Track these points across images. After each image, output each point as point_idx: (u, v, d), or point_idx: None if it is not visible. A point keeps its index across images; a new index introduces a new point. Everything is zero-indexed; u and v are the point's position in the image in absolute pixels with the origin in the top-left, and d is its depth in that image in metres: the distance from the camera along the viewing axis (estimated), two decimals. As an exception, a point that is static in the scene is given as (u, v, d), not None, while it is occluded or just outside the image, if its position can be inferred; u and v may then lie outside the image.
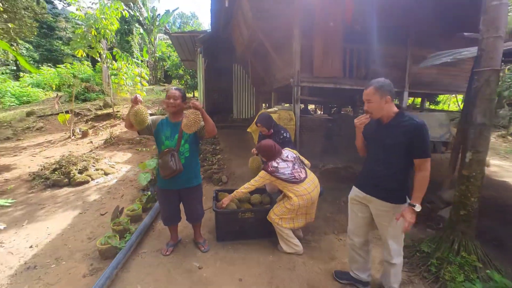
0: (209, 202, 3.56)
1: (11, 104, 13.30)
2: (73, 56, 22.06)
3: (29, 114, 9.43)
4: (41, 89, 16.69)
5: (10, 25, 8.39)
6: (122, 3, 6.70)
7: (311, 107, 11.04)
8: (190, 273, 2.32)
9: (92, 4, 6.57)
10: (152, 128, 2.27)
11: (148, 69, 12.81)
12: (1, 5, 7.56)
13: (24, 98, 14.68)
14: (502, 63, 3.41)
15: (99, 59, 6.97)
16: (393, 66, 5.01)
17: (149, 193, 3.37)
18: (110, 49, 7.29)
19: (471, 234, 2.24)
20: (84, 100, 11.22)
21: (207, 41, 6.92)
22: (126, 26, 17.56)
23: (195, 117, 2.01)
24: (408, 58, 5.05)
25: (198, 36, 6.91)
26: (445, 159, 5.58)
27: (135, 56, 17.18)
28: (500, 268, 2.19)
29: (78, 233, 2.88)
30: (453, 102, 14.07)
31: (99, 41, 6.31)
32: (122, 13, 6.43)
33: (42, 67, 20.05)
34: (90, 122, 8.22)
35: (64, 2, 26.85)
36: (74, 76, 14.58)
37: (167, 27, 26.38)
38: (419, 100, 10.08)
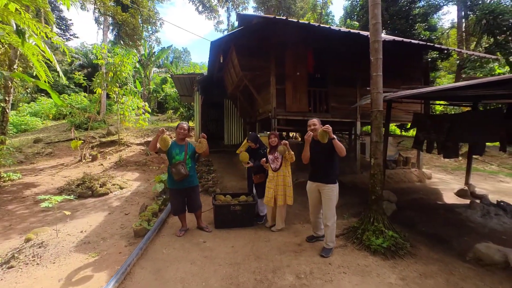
0: (207, 208, 4.66)
1: (9, 132, 14.03)
2: (67, 87, 23.32)
3: (36, 141, 10.35)
4: (39, 118, 17.48)
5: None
6: (135, 50, 8.22)
7: (292, 134, 12.61)
8: (198, 244, 3.41)
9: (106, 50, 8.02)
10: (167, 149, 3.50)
11: (142, 100, 13.96)
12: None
13: (22, 126, 15.35)
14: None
15: (114, 95, 8.28)
16: (347, 102, 6.61)
17: (164, 197, 4.47)
18: (120, 86, 8.64)
19: (380, 211, 3.51)
20: (87, 129, 12.24)
21: (204, 81, 8.48)
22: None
23: (204, 143, 3.38)
24: (358, 97, 6.69)
25: (195, 77, 8.48)
26: (394, 173, 7.05)
27: (128, 87, 18.72)
28: (398, 231, 3.43)
29: (112, 225, 3.92)
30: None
31: (116, 81, 7.69)
32: (133, 59, 7.94)
33: (39, 98, 21.08)
34: (96, 148, 9.24)
35: (64, 37, 28.74)
36: (72, 106, 15.66)
37: (160, 62, 28.68)
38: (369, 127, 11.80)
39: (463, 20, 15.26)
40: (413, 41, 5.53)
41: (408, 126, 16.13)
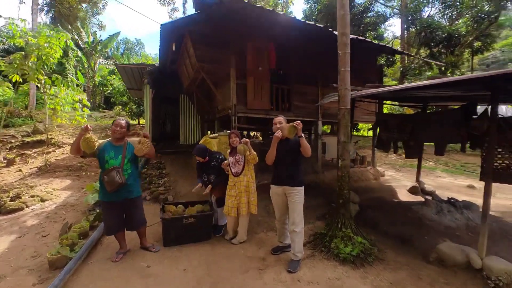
0: (156, 219, 3.92)
1: None
2: (-13, 76, 19.16)
3: None
4: None
5: None
6: (67, 33, 6.87)
7: (253, 133, 12.27)
8: (140, 271, 2.72)
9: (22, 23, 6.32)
10: (96, 151, 2.71)
11: (85, 93, 12.02)
12: None
13: None
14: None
15: (38, 85, 6.74)
16: (309, 101, 6.46)
17: (98, 211, 3.60)
18: (49, 74, 7.12)
19: (347, 215, 3.31)
20: (6, 126, 9.99)
21: (155, 73, 7.51)
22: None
23: (147, 143, 2.73)
24: (319, 95, 6.60)
25: (145, 68, 7.46)
26: (352, 172, 7.17)
27: (69, 79, 16.01)
28: (365, 235, 3.27)
29: (19, 254, 2.94)
30: (367, 128, 17.57)
31: (41, 68, 6.22)
32: (66, 42, 6.57)
33: None
34: (15, 150, 7.49)
35: (-19, 15, 23.47)
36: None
37: (109, 53, 25.58)
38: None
39: (405, 32, 16.94)
40: (374, 41, 5.60)
41: (360, 126, 17.16)
